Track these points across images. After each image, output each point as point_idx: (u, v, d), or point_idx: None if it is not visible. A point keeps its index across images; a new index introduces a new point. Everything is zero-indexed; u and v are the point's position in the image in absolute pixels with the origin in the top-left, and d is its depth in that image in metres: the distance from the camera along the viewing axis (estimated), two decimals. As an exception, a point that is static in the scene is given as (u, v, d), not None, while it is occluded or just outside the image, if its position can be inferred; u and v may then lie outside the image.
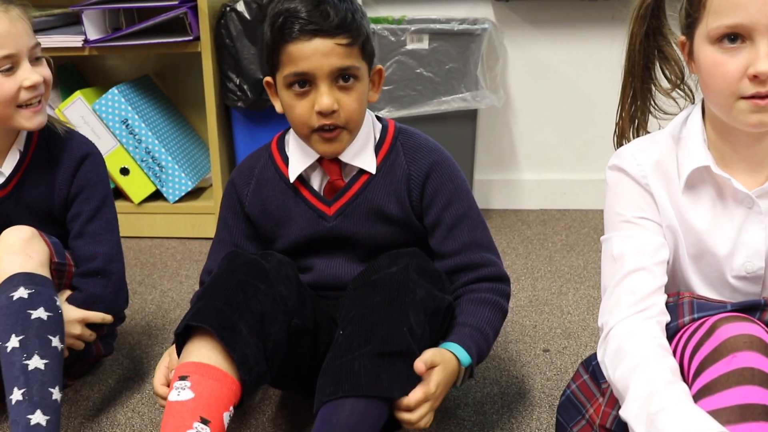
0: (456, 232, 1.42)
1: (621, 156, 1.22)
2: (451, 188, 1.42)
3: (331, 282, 1.46)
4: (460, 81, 2.32)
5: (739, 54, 1.06)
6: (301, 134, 1.38)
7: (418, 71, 2.32)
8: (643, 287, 1.14)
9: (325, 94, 1.32)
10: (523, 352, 1.74)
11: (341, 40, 1.31)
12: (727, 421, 0.96)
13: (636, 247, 1.18)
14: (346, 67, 1.32)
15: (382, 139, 1.44)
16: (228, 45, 2.37)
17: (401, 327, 1.22)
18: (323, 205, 1.43)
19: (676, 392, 1.00)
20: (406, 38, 2.31)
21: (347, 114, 1.34)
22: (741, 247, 1.18)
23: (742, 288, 1.20)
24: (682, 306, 1.15)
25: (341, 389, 1.18)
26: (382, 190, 1.42)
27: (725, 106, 1.10)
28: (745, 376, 0.99)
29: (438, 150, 1.45)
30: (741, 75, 1.06)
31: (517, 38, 2.58)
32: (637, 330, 1.10)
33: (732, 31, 1.06)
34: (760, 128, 1.10)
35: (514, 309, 1.94)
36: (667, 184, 1.19)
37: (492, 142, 2.67)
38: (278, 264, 1.36)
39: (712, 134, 1.18)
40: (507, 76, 2.61)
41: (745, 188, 1.16)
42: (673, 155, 1.20)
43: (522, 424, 1.49)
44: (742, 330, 1.02)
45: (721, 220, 1.18)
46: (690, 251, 1.20)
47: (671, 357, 1.07)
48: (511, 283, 1.45)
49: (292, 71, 1.32)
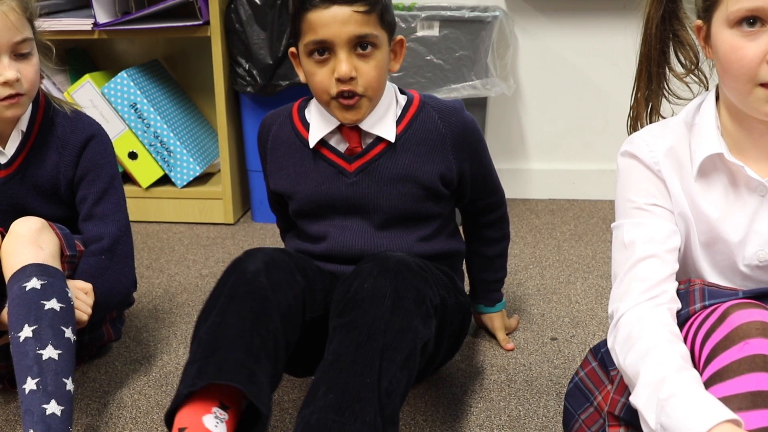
0: (488, 181, 1.56)
1: (633, 142, 1.21)
2: (483, 144, 1.53)
3: (345, 253, 1.45)
4: (470, 69, 2.31)
5: (759, 38, 1.05)
6: (322, 101, 1.41)
7: (428, 58, 2.31)
8: (654, 274, 1.14)
9: (343, 61, 1.34)
10: (530, 341, 1.74)
11: (359, 7, 1.33)
12: (738, 407, 0.95)
13: (647, 234, 1.17)
14: (364, 35, 1.34)
15: (406, 109, 1.45)
16: (238, 30, 2.36)
17: (364, 378, 1.16)
18: (344, 162, 1.44)
19: (687, 378, 0.99)
20: (417, 25, 2.30)
21: (366, 81, 1.36)
22: (753, 235, 1.17)
23: (754, 276, 1.19)
24: (693, 293, 1.14)
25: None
26: (409, 155, 1.43)
27: (742, 92, 1.09)
28: (758, 363, 0.98)
29: (464, 110, 1.50)
30: (760, 60, 1.05)
31: (527, 27, 2.57)
32: (648, 317, 1.09)
33: (752, 14, 1.04)
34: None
35: (522, 297, 1.94)
36: (680, 170, 1.18)
37: (501, 131, 2.66)
38: (279, 272, 1.32)
39: (726, 121, 1.17)
40: (517, 64, 2.60)
41: (759, 176, 1.15)
42: (686, 142, 1.19)
43: (529, 412, 1.48)
44: (755, 317, 1.01)
45: (734, 208, 1.17)
46: (702, 239, 1.19)
47: (682, 343, 1.06)
48: (519, 269, 1.45)
49: (312, 39, 1.35)
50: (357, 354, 1.19)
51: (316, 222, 1.48)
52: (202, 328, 1.27)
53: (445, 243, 1.52)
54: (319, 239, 1.48)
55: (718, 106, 1.18)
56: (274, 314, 1.27)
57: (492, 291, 1.71)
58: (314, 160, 1.46)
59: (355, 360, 1.18)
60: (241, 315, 1.25)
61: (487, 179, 1.56)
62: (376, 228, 1.46)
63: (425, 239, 1.48)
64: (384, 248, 1.43)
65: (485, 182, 1.56)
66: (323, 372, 1.19)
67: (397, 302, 1.24)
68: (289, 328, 1.30)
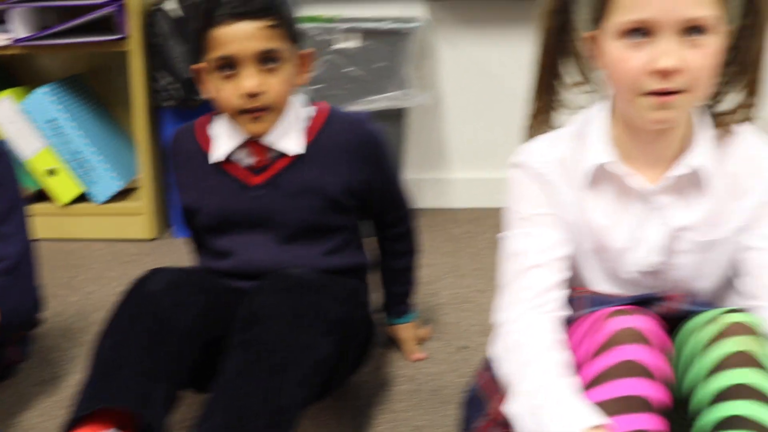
0: (394, 194, 1.58)
1: (524, 153, 1.24)
2: (390, 157, 1.55)
3: (250, 269, 1.44)
4: (389, 80, 2.32)
5: (643, 49, 1.07)
6: (231, 116, 1.41)
7: (348, 70, 2.32)
8: (540, 283, 1.16)
9: (250, 77, 1.35)
10: (440, 350, 1.75)
11: (265, 22, 1.34)
12: (611, 412, 0.99)
13: (535, 243, 1.19)
14: (270, 50, 1.36)
15: (312, 121, 1.47)
16: (157, 44, 2.35)
17: (257, 395, 1.18)
18: (249, 176, 1.45)
19: (560, 386, 1.01)
20: (336, 37, 2.31)
21: (273, 95, 1.38)
22: (640, 242, 1.20)
23: (643, 282, 1.21)
24: (581, 300, 1.17)
25: None
26: (315, 167, 1.44)
27: (629, 101, 1.11)
28: (630, 368, 1.01)
29: (371, 122, 1.52)
30: (644, 70, 1.07)
31: (450, 37, 2.59)
32: (532, 325, 1.12)
33: (637, 26, 1.07)
34: (661, 125, 1.12)
35: (436, 307, 1.95)
36: (570, 180, 1.20)
37: (423, 141, 2.68)
38: (181, 291, 1.32)
39: (616, 130, 1.19)
40: (440, 74, 2.62)
41: (646, 184, 1.17)
42: (577, 151, 1.21)
43: (434, 421, 1.49)
44: (629, 323, 1.04)
45: (622, 216, 1.20)
46: (591, 246, 1.22)
47: (563, 351, 1.08)
48: (435, 279, 1.47)
49: (218, 55, 1.35)
50: (251, 371, 1.20)
51: (221, 238, 1.48)
52: (99, 348, 1.28)
53: (352, 256, 1.53)
54: (225, 255, 1.48)
55: (610, 116, 1.20)
56: (173, 334, 1.27)
57: (400, 303, 1.72)
58: (219, 175, 1.46)
59: (249, 377, 1.19)
60: (138, 336, 1.26)
61: (393, 192, 1.58)
62: (281, 242, 1.46)
63: (331, 252, 1.49)
64: (289, 263, 1.43)
65: (391, 195, 1.57)
66: (217, 390, 1.20)
67: (295, 319, 1.25)
68: (190, 348, 1.30)
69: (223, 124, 1.46)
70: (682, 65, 1.05)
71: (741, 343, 1.02)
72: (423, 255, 2.27)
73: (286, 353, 1.21)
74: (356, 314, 1.42)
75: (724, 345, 1.02)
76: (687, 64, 1.05)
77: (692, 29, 1.05)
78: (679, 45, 1.05)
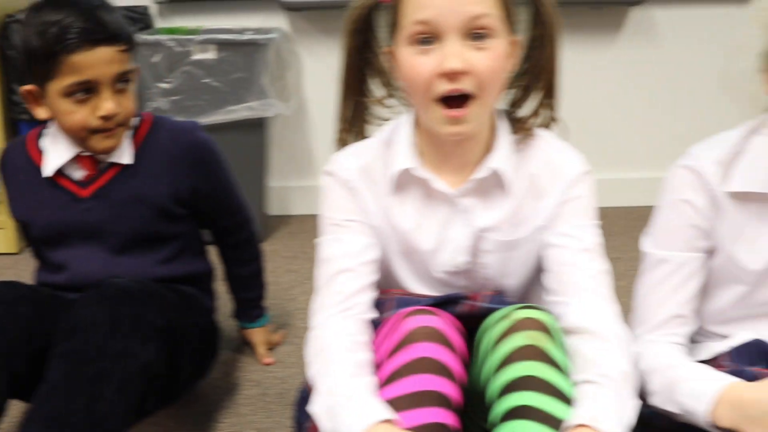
0: (229, 200, 1.62)
1: (332, 161, 1.29)
2: (220, 163, 1.58)
3: (84, 281, 1.45)
4: (247, 90, 2.36)
5: (432, 54, 1.13)
6: (78, 136, 1.41)
7: (205, 81, 2.34)
8: (348, 287, 1.21)
9: (108, 99, 1.38)
10: (292, 354, 1.79)
11: (120, 46, 1.38)
12: (401, 407, 1.03)
13: (343, 249, 1.24)
14: (126, 71, 1.40)
15: (138, 131, 1.50)
16: (12, 56, 2.33)
17: (75, 404, 1.20)
18: (79, 188, 1.46)
19: (355, 385, 1.06)
20: (193, 49, 2.33)
21: (126, 113, 1.43)
22: (446, 243, 1.26)
23: (452, 282, 1.28)
24: (389, 302, 1.23)
25: None
26: (142, 176, 1.47)
27: (425, 108, 1.17)
28: (422, 365, 1.06)
29: (198, 129, 1.55)
30: (433, 73, 1.13)
31: (311, 47, 2.64)
32: (335, 328, 1.16)
33: (423, 29, 1.13)
34: (458, 138, 1.18)
35: (293, 312, 2.00)
36: (374, 186, 1.26)
37: (288, 149, 2.73)
38: (1, 305, 1.34)
39: (420, 138, 1.25)
40: (302, 83, 2.67)
41: (449, 188, 1.24)
42: (382, 159, 1.27)
43: (279, 423, 1.54)
44: (423, 322, 1.10)
45: (428, 219, 1.26)
46: (399, 249, 1.27)
47: (363, 351, 1.13)
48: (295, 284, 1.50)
49: (75, 80, 1.36)
50: (68, 381, 1.22)
51: (55, 251, 1.49)
52: None
53: (189, 264, 1.56)
54: (60, 269, 1.49)
55: (414, 125, 1.27)
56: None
57: (251, 308, 1.76)
58: (50, 188, 1.47)
59: (66, 387, 1.21)
60: None
61: (227, 198, 1.61)
62: (113, 253, 1.48)
63: (166, 261, 1.52)
64: (122, 273, 1.45)
65: (225, 201, 1.61)
66: (37, 400, 1.21)
67: (113, 327, 1.27)
68: (14, 360, 1.31)
69: (54, 139, 1.47)
70: (467, 66, 1.11)
71: (529, 337, 1.08)
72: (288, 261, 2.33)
73: (105, 362, 1.23)
74: (188, 321, 1.45)
75: (513, 339, 1.08)
76: (473, 65, 1.12)
77: (476, 34, 1.13)
78: (465, 48, 1.12)
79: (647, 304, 1.28)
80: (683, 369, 1.17)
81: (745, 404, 1.07)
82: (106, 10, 1.39)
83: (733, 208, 1.23)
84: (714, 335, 1.30)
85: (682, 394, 1.13)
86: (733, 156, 1.23)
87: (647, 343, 1.26)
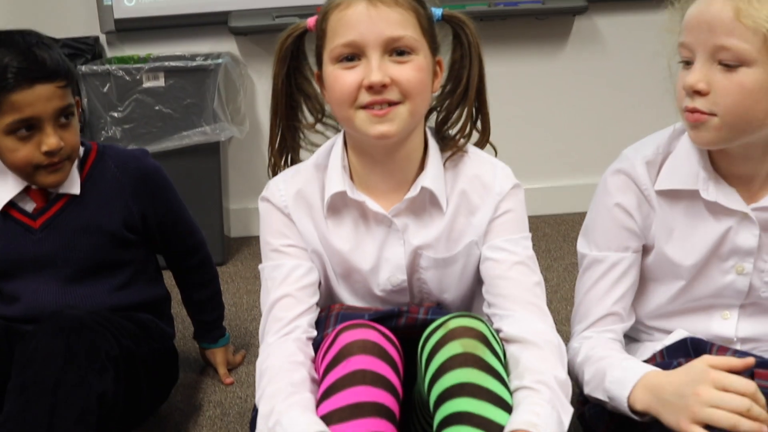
0: (180, 225, 1.64)
1: (268, 188, 1.33)
2: (168, 189, 1.61)
3: (38, 312, 1.46)
4: (199, 115, 2.39)
5: (357, 69, 1.18)
6: (24, 172, 1.44)
7: (157, 108, 2.38)
8: (288, 314, 1.25)
9: (52, 135, 1.40)
10: (252, 374, 1.80)
11: (59, 82, 1.40)
12: (338, 419, 1.07)
13: (282, 275, 1.28)
14: (66, 106, 1.42)
15: (85, 160, 1.52)
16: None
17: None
18: (30, 220, 1.49)
19: (290, 403, 1.10)
20: (142, 77, 2.37)
21: (71, 147, 1.45)
22: (384, 263, 1.30)
23: (391, 299, 1.32)
24: (330, 318, 1.27)
25: None
26: (90, 205, 1.50)
27: (349, 118, 1.21)
28: (358, 378, 1.10)
29: (146, 157, 1.58)
30: (358, 86, 1.18)
31: (262, 69, 2.68)
32: (276, 352, 1.20)
33: (348, 49, 1.18)
34: (385, 139, 1.21)
35: (253, 333, 2.03)
36: (310, 210, 1.30)
37: (245, 171, 2.75)
38: None
39: (353, 159, 1.29)
40: (255, 106, 2.71)
41: (383, 209, 1.28)
42: (317, 183, 1.31)
43: (239, 442, 1.57)
44: (359, 336, 1.13)
45: (365, 240, 1.30)
46: (338, 271, 1.31)
47: (300, 370, 1.17)
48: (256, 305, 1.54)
49: (17, 118, 1.38)
50: (26, 414, 1.25)
51: (9, 283, 1.52)
52: None
53: (144, 290, 1.59)
54: (13, 300, 1.52)
55: (344, 147, 1.31)
56: None
57: (211, 329, 1.79)
58: (2, 221, 1.49)
59: (24, 420, 1.24)
60: None
61: (178, 223, 1.64)
62: (67, 282, 1.50)
63: (120, 288, 1.54)
64: (76, 303, 1.48)
65: (176, 226, 1.64)
66: None
67: (68, 359, 1.29)
68: None
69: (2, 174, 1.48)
70: (388, 80, 1.17)
71: (464, 345, 1.12)
72: (249, 282, 2.36)
73: (62, 393, 1.26)
74: (145, 348, 1.48)
75: (449, 348, 1.12)
76: (395, 77, 1.17)
77: (397, 51, 1.18)
78: (387, 62, 1.18)
79: (586, 302, 1.33)
80: (612, 359, 1.23)
81: (658, 388, 1.12)
82: (43, 48, 1.41)
83: (663, 207, 1.28)
84: (655, 330, 1.35)
85: (609, 382, 1.18)
86: (663, 157, 1.28)
87: (584, 339, 1.31)
